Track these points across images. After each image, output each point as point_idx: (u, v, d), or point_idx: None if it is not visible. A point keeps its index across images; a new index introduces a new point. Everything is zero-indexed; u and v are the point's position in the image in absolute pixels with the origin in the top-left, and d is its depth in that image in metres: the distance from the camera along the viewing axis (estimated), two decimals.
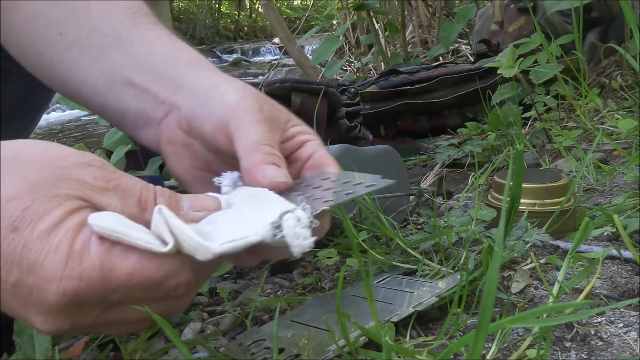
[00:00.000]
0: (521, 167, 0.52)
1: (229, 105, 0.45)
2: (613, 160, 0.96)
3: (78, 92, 0.53)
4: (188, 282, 0.35)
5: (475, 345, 0.28)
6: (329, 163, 0.45)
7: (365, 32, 3.03)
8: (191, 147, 0.48)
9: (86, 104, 0.54)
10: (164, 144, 0.49)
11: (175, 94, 0.49)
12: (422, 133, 1.45)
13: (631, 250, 0.54)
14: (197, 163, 0.49)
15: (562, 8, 1.26)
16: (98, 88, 0.51)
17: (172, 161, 0.49)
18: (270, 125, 0.44)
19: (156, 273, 0.34)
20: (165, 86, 0.49)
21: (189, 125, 0.47)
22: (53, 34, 0.53)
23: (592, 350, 0.44)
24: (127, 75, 0.50)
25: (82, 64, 0.52)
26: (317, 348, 0.45)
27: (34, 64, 0.55)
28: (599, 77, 1.36)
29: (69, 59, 0.52)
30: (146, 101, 0.50)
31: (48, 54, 0.53)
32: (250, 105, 0.44)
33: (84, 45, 0.52)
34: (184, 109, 0.48)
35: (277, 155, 0.43)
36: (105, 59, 0.51)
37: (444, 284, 0.53)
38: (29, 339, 0.44)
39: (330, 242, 0.72)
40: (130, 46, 0.51)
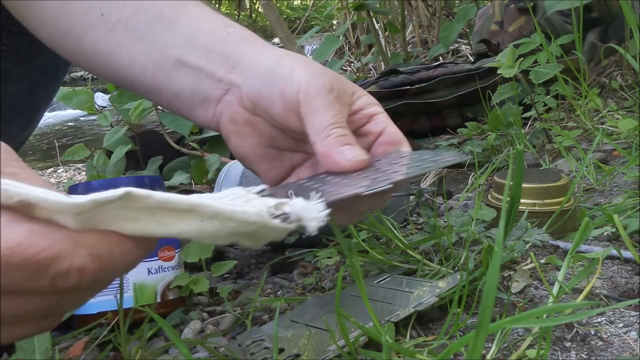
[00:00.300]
0: (521, 167, 0.52)
1: (299, 85, 0.44)
2: (613, 160, 0.97)
3: (125, 74, 0.52)
4: (81, 269, 0.28)
5: (475, 345, 0.28)
6: (402, 141, 0.45)
7: (365, 32, 3.03)
8: (255, 125, 0.47)
9: (133, 87, 0.53)
10: (225, 124, 0.48)
11: (231, 72, 0.48)
12: (422, 133, 1.45)
13: (631, 250, 0.54)
14: (263, 140, 0.48)
15: (562, 8, 1.26)
16: (148, 69, 0.50)
17: (236, 140, 0.48)
18: (340, 104, 0.44)
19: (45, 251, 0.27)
20: (220, 64, 0.48)
21: (254, 105, 0.46)
22: (93, 15, 0.51)
23: (592, 350, 0.44)
24: (178, 55, 0.49)
25: (129, 45, 0.51)
26: (317, 348, 0.45)
27: (73, 48, 0.54)
28: (599, 77, 1.36)
29: (114, 40, 0.51)
30: (201, 80, 0.49)
31: (90, 36, 0.52)
32: (321, 86, 0.44)
33: (128, 25, 0.51)
34: (245, 88, 0.47)
35: (349, 135, 0.43)
36: (152, 39, 0.50)
37: (444, 284, 0.53)
38: (29, 339, 0.44)
39: (330, 242, 0.72)
40: (177, 24, 0.50)
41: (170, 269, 0.62)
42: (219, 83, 0.48)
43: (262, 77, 0.46)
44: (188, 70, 0.49)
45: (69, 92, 1.32)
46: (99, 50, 0.52)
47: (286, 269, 0.78)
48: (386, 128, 0.46)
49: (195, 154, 1.34)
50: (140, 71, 0.51)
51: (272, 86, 0.45)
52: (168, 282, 0.61)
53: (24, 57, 0.73)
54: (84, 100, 1.32)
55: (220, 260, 0.76)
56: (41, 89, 0.84)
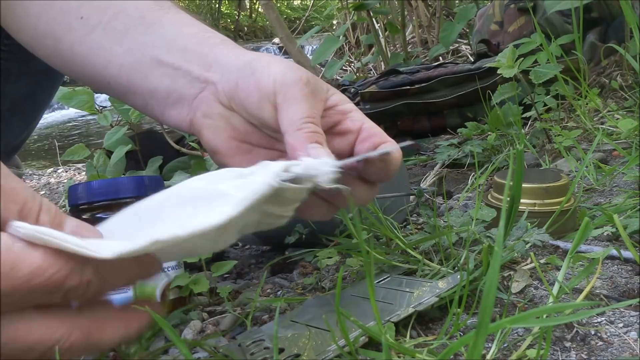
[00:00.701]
0: (521, 167, 0.52)
1: (276, 76, 0.44)
2: (613, 160, 0.96)
3: (102, 75, 0.52)
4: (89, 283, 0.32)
5: (475, 345, 0.28)
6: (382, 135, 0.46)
7: (365, 32, 3.03)
8: (229, 120, 0.48)
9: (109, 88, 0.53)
10: (198, 118, 0.48)
11: (209, 70, 0.48)
12: (422, 133, 1.45)
13: (631, 250, 0.54)
14: (236, 135, 0.48)
15: (562, 8, 1.26)
16: (123, 68, 0.51)
17: (208, 134, 0.48)
18: (315, 99, 0.45)
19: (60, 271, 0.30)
20: (197, 64, 0.49)
21: (230, 98, 0.47)
22: (73, 18, 0.52)
23: (592, 350, 0.44)
24: (155, 55, 0.50)
25: (106, 45, 0.51)
26: (317, 348, 0.45)
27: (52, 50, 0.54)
28: (599, 77, 1.36)
29: (92, 41, 0.52)
30: (177, 79, 0.49)
31: (68, 37, 0.52)
32: (299, 78, 0.44)
33: (107, 28, 0.51)
34: (222, 84, 0.47)
35: (319, 133, 0.43)
36: (131, 40, 0.51)
37: (444, 284, 0.53)
38: None
39: (330, 242, 0.72)
40: (157, 27, 0.51)
41: (170, 269, 0.62)
42: (195, 81, 0.49)
43: (239, 71, 0.47)
44: (164, 69, 0.50)
45: (69, 92, 1.32)
46: (76, 51, 0.53)
47: (286, 269, 0.78)
48: (363, 124, 0.47)
49: (195, 154, 1.34)
50: (116, 71, 0.51)
51: (249, 77, 0.46)
52: (168, 282, 0.61)
53: (24, 57, 0.73)
54: (84, 100, 1.32)
55: (220, 260, 0.76)
56: (41, 88, 0.84)
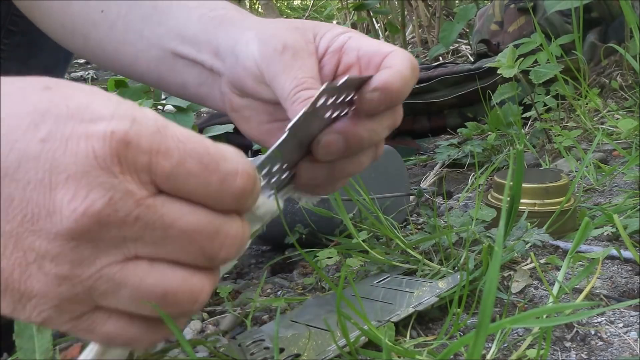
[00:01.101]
0: (521, 167, 0.52)
1: (255, 56, 0.43)
2: (613, 160, 0.96)
3: (134, 70, 0.53)
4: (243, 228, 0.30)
5: (475, 345, 0.28)
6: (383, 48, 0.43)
7: (365, 32, 3.03)
8: (250, 106, 0.48)
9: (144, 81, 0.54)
10: (230, 113, 0.49)
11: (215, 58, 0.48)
12: (422, 133, 1.45)
13: (631, 250, 0.54)
14: (263, 118, 0.48)
15: (562, 8, 1.26)
16: (152, 64, 0.51)
17: (242, 125, 0.49)
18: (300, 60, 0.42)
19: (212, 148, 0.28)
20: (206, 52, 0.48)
21: (237, 87, 0.47)
22: (95, 12, 0.52)
23: (592, 350, 0.44)
24: (172, 47, 0.50)
25: (130, 42, 0.51)
26: (317, 348, 0.45)
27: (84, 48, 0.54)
28: (599, 77, 1.36)
29: (115, 38, 0.51)
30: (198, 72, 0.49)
31: (94, 34, 0.52)
32: (273, 49, 0.42)
33: (127, 20, 0.51)
34: (226, 75, 0.47)
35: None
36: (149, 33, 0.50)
37: (444, 284, 0.53)
38: (29, 339, 0.44)
39: (330, 242, 0.72)
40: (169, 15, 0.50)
41: None
42: (210, 73, 0.49)
43: (231, 61, 0.46)
44: (184, 61, 0.50)
45: None
46: (105, 48, 0.53)
47: (286, 269, 0.78)
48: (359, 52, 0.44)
49: None
50: (145, 67, 0.51)
51: (237, 66, 0.45)
52: None
53: (23, 56, 0.73)
54: None
55: None
56: None
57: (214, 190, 0.28)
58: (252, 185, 0.29)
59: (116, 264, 0.27)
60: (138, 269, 0.27)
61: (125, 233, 0.27)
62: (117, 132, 0.26)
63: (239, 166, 0.28)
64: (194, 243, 0.28)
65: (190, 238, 0.28)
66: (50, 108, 0.27)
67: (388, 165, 0.81)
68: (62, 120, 0.26)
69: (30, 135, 0.26)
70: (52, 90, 0.28)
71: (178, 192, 0.28)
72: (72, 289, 0.27)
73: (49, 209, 0.26)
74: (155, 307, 0.28)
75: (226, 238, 0.29)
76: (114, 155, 0.26)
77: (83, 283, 0.27)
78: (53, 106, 0.27)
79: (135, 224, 0.26)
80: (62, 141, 0.26)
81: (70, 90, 0.28)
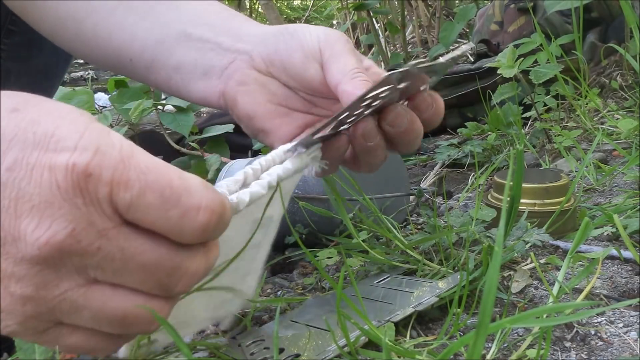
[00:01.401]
0: (521, 167, 0.52)
1: (319, 35, 0.46)
2: (613, 160, 0.96)
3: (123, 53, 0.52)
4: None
5: (475, 345, 0.28)
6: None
7: (365, 32, 3.03)
8: (266, 85, 0.48)
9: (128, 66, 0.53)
10: (232, 86, 0.48)
11: (238, 42, 0.49)
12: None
13: (631, 250, 0.54)
14: (273, 98, 0.48)
15: (562, 8, 1.26)
16: (148, 42, 0.51)
17: (244, 98, 0.48)
18: (358, 56, 0.46)
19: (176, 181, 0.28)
20: (226, 36, 0.49)
21: (269, 63, 0.48)
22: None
23: (592, 350, 0.44)
24: (182, 29, 0.50)
25: (130, 21, 0.51)
26: (317, 348, 0.45)
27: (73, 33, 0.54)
28: (599, 77, 1.36)
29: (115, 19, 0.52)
30: (206, 51, 0.50)
31: (91, 19, 0.52)
32: (340, 35, 0.47)
33: (131, 6, 0.52)
34: (259, 50, 0.48)
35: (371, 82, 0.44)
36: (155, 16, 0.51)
37: (444, 284, 0.53)
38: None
39: (330, 242, 0.72)
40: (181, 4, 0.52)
41: None
42: (226, 52, 0.49)
43: (277, 37, 0.48)
44: (192, 43, 0.50)
45: (69, 92, 1.32)
46: (99, 31, 0.53)
47: (286, 269, 0.78)
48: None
49: (195, 154, 1.34)
50: (140, 47, 0.52)
51: (290, 40, 0.47)
52: None
53: (23, 56, 0.73)
54: (84, 100, 1.32)
55: None
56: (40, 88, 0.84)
57: (173, 224, 0.28)
58: (217, 220, 0.28)
59: (79, 287, 0.28)
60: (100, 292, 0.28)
61: (87, 261, 0.27)
62: (79, 164, 0.26)
63: (203, 201, 0.28)
64: (152, 276, 0.28)
65: (149, 272, 0.28)
66: (17, 134, 0.27)
67: (388, 165, 0.81)
68: (28, 148, 0.27)
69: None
70: (20, 113, 0.28)
71: (140, 223, 0.28)
72: (36, 309, 0.28)
73: (14, 235, 0.27)
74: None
75: (185, 274, 0.29)
76: (76, 187, 0.26)
77: (47, 304, 0.28)
78: (21, 132, 0.27)
79: (96, 253, 0.27)
80: (27, 170, 0.26)
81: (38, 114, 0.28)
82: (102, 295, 0.28)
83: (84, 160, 0.26)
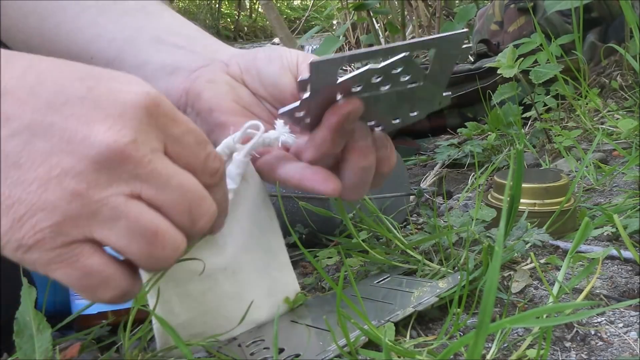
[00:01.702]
0: (521, 167, 0.52)
1: (298, 54, 0.49)
2: (613, 160, 0.96)
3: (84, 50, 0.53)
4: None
5: (475, 345, 0.28)
6: None
7: (365, 32, 3.03)
8: (235, 88, 0.50)
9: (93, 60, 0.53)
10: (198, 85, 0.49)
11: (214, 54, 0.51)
12: (422, 133, 1.45)
13: (631, 250, 0.54)
14: (238, 100, 0.49)
15: (562, 8, 1.26)
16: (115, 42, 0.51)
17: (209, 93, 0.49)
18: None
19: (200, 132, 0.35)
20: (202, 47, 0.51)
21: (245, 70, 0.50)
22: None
23: (592, 350, 0.44)
24: (156, 34, 0.51)
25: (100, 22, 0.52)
26: (317, 348, 0.45)
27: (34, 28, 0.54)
28: (599, 77, 1.36)
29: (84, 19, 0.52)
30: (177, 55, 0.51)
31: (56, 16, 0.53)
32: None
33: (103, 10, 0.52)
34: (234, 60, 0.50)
35: None
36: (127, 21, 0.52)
37: (444, 284, 0.53)
38: (29, 339, 0.44)
39: (330, 242, 0.72)
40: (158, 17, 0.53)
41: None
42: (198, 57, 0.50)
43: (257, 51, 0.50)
44: (164, 47, 0.51)
45: None
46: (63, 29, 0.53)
47: None
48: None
49: None
50: (106, 42, 0.52)
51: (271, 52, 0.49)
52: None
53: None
54: None
55: None
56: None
57: (201, 162, 0.34)
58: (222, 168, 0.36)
59: (123, 195, 0.31)
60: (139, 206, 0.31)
61: (138, 171, 0.31)
62: (152, 93, 0.32)
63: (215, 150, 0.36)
64: (186, 199, 0.33)
65: (184, 193, 0.33)
66: (93, 71, 0.32)
67: None
68: (105, 79, 0.32)
69: (78, 84, 0.31)
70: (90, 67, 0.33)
71: (177, 155, 0.33)
72: (80, 208, 0.30)
73: (85, 134, 0.30)
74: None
75: (211, 206, 0.34)
76: (146, 109, 0.31)
77: (91, 205, 0.30)
78: (96, 72, 0.32)
79: (147, 166, 0.31)
80: (105, 91, 0.31)
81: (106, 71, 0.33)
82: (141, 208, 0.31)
83: (155, 92, 0.32)
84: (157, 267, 0.33)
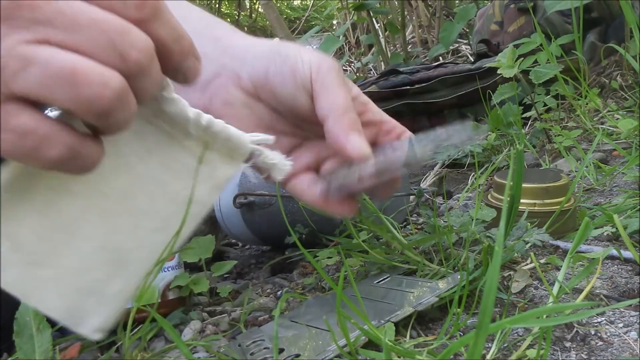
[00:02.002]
0: (521, 167, 0.52)
1: (311, 64, 0.45)
2: (613, 160, 0.97)
3: None
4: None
5: (475, 345, 0.28)
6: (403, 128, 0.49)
7: (365, 32, 3.03)
8: (253, 108, 0.47)
9: None
10: (217, 107, 0.47)
11: (223, 54, 0.48)
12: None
13: (631, 250, 0.54)
14: (260, 123, 0.48)
15: (562, 8, 1.26)
16: None
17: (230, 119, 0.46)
18: (347, 87, 0.46)
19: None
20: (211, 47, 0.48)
21: (258, 86, 0.47)
22: None
23: (592, 350, 0.44)
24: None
25: None
26: (317, 348, 0.45)
27: None
28: (599, 77, 1.36)
29: None
30: None
31: None
32: (332, 65, 0.45)
33: None
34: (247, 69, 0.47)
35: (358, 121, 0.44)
36: None
37: (444, 284, 0.53)
38: (29, 339, 0.44)
39: (330, 242, 0.72)
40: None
41: (170, 269, 0.62)
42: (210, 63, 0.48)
43: (268, 58, 0.46)
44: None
45: None
46: None
47: (286, 269, 0.78)
48: (382, 117, 0.49)
49: None
50: None
51: (282, 65, 0.45)
52: (168, 282, 0.61)
53: None
54: None
55: (220, 260, 0.76)
56: None
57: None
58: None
59: (27, 43, 0.28)
60: (49, 49, 0.28)
61: (35, 15, 0.28)
62: None
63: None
64: (103, 34, 0.29)
65: (99, 29, 0.29)
66: None
67: None
68: None
69: None
70: None
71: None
72: None
73: None
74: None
75: (140, 38, 0.30)
76: None
77: None
78: None
79: (45, 7, 0.28)
80: None
81: None
82: (52, 51, 0.28)
83: None
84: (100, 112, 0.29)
